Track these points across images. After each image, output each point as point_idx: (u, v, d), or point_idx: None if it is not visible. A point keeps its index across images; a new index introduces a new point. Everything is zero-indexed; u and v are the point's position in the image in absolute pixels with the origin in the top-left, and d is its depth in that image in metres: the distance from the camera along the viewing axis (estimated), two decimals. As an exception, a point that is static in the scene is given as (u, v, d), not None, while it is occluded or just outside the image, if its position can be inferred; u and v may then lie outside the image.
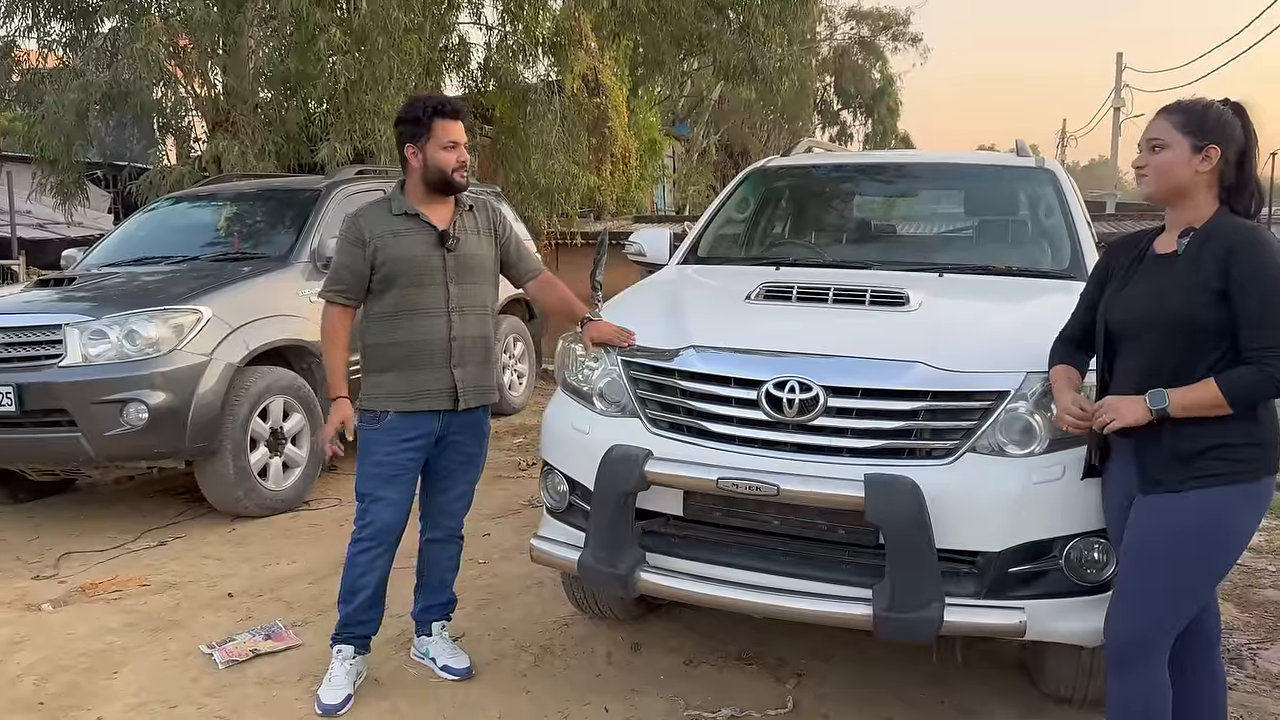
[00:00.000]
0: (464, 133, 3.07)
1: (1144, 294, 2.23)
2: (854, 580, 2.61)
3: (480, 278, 3.17)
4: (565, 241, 11.86)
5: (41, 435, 4.61)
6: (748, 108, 23.04)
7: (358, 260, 3.03)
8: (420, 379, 3.04)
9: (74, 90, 9.04)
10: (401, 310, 3.03)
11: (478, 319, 3.16)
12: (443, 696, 3.13)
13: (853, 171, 4.78)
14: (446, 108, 3.03)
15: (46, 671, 3.35)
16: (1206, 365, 2.11)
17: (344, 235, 3.08)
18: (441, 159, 3.02)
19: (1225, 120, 2.18)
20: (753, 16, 12.74)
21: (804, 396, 2.64)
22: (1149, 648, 2.19)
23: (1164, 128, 2.21)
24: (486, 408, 3.25)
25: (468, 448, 3.21)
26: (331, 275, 3.10)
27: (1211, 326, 2.11)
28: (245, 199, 6.35)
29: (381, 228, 3.04)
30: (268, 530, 4.89)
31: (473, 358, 3.13)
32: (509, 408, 7.66)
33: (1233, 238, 2.11)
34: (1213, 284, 2.09)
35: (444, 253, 3.04)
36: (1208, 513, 2.12)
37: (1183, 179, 2.18)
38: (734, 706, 3.05)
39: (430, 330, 3.04)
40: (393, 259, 3.00)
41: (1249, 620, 3.76)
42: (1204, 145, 2.16)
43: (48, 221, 13.41)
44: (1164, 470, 2.16)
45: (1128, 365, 2.26)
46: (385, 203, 3.11)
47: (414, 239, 3.03)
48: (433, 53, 10.37)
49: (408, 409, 3.03)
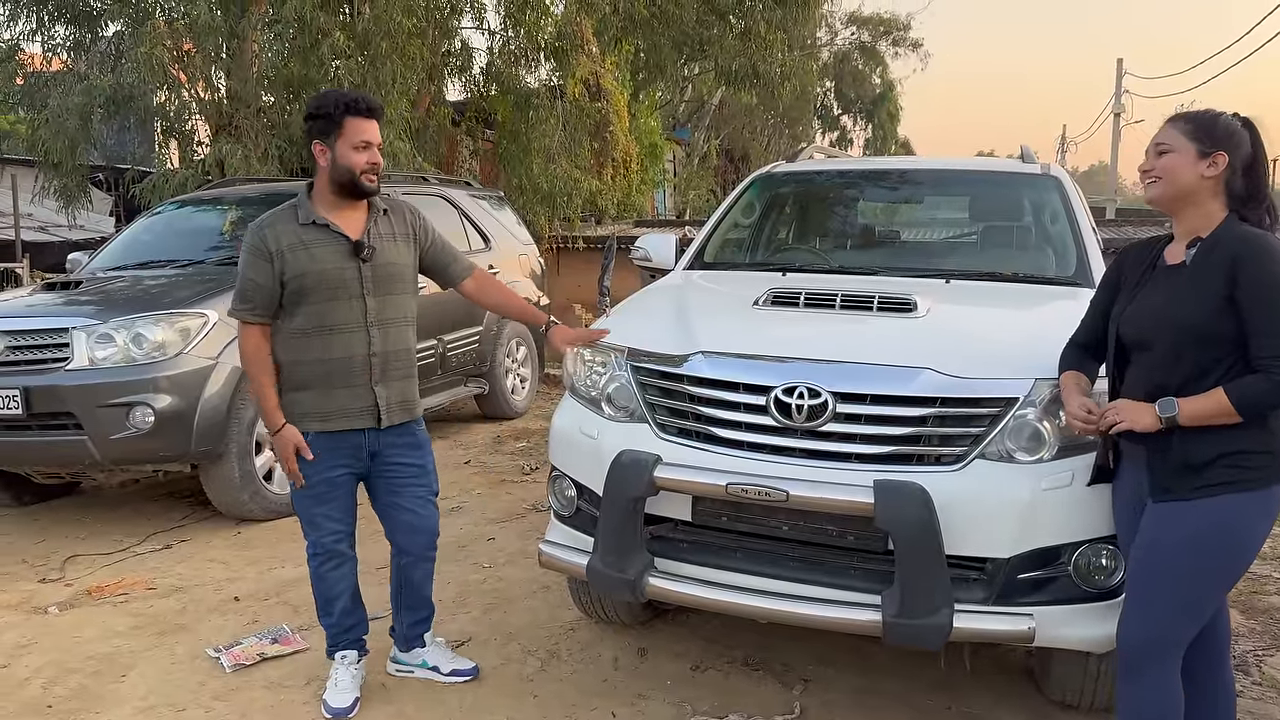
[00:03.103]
0: (378, 134, 2.89)
1: (1154, 304, 2.24)
2: (862, 586, 2.61)
3: (400, 288, 3.00)
4: (566, 245, 11.89)
5: (48, 438, 4.61)
6: (748, 112, 23.11)
7: (264, 275, 2.83)
8: (338, 398, 2.90)
9: (78, 94, 9.06)
10: (315, 327, 2.86)
11: (399, 332, 3.00)
12: (450, 701, 3.14)
13: (858, 177, 4.79)
14: (360, 104, 2.84)
15: (54, 674, 3.35)
16: (1216, 375, 2.12)
17: (248, 248, 2.86)
18: (351, 159, 2.83)
19: (1233, 130, 2.19)
20: (754, 22, 12.77)
21: (813, 402, 2.64)
22: (1160, 654, 2.20)
23: (1171, 134, 2.23)
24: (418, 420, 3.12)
25: (410, 459, 3.08)
26: (239, 292, 2.88)
27: (1221, 336, 2.12)
28: (250, 203, 6.36)
29: (289, 239, 2.84)
30: (273, 534, 4.89)
31: (395, 373, 2.99)
32: (512, 412, 7.67)
33: (1239, 246, 2.12)
34: (1221, 292, 2.10)
35: (359, 264, 2.87)
36: (1217, 521, 2.12)
37: (1188, 183, 2.19)
38: (741, 712, 3.06)
39: (348, 347, 2.88)
40: (303, 273, 2.81)
41: (1255, 627, 3.77)
42: (1211, 152, 2.17)
43: (50, 224, 13.42)
44: (1174, 479, 2.17)
45: (1138, 374, 2.27)
46: (292, 210, 2.90)
47: (325, 250, 2.83)
48: (435, 57, 10.40)
49: (325, 429, 2.91)
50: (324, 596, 3.10)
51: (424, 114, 10.44)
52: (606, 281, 8.57)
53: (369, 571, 3.33)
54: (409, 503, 3.10)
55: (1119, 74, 30.14)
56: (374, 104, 2.91)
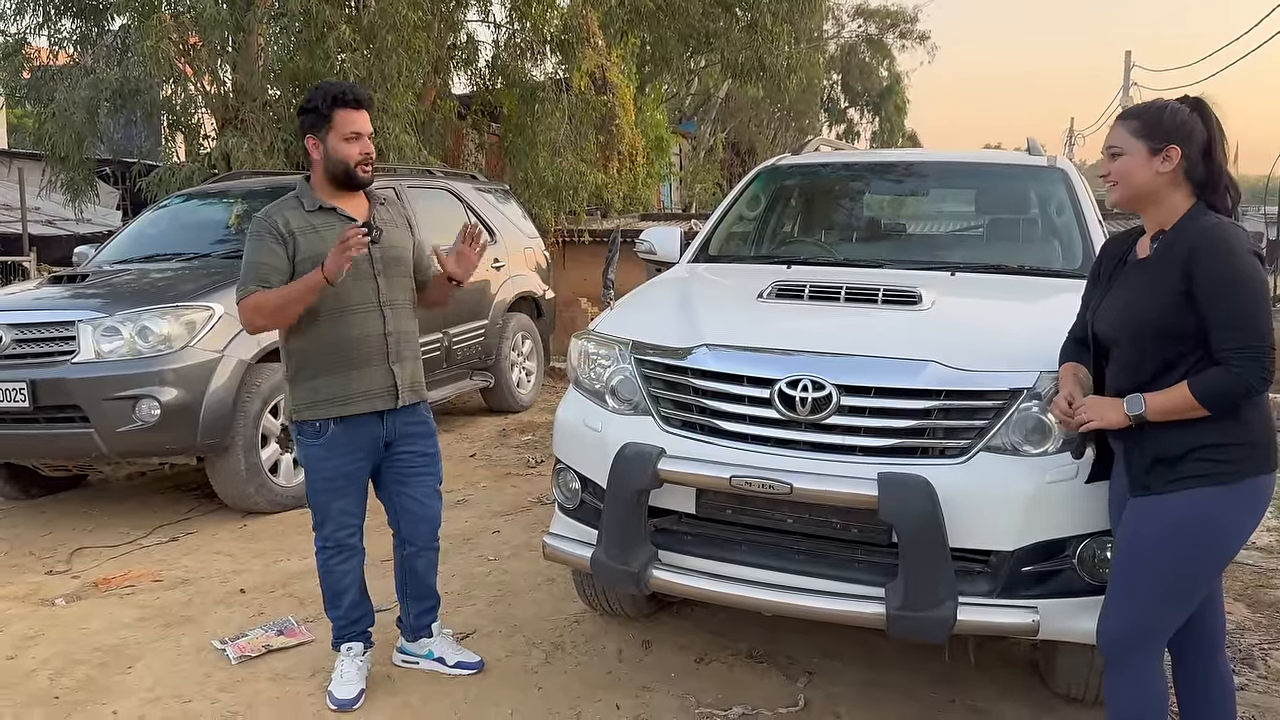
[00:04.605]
0: (369, 124, 2.91)
1: (1121, 301, 2.23)
2: (867, 579, 2.61)
3: (404, 270, 3.05)
4: (572, 239, 11.87)
5: (55, 431, 4.64)
6: (755, 105, 23.04)
7: (278, 257, 2.84)
8: (358, 379, 2.92)
9: (84, 87, 9.06)
10: (330, 310, 2.88)
11: (406, 313, 3.04)
12: (455, 693, 3.15)
13: (864, 170, 4.77)
14: (347, 96, 2.86)
15: (61, 666, 3.37)
16: (1183, 369, 2.11)
17: (258, 233, 2.86)
18: (343, 151, 2.86)
19: (1182, 119, 2.16)
20: (760, 14, 12.71)
21: (817, 395, 2.64)
22: (1140, 645, 2.19)
23: (1120, 135, 2.21)
24: (426, 403, 3.16)
25: (420, 447, 3.11)
26: (246, 275, 2.85)
27: (1182, 331, 2.10)
28: (256, 196, 6.35)
29: (299, 222, 2.88)
30: (279, 526, 4.91)
31: (408, 352, 3.04)
32: (517, 405, 7.68)
33: (1196, 239, 2.09)
34: (1178, 287, 2.09)
35: (368, 245, 2.88)
36: (1190, 514, 2.11)
37: (1143, 183, 2.18)
38: (745, 704, 3.06)
39: (365, 326, 2.92)
40: (315, 254, 2.82)
41: (1260, 620, 3.76)
42: (1162, 147, 2.15)
43: (57, 218, 13.45)
44: (1148, 474, 2.16)
45: (1113, 370, 2.27)
46: (294, 199, 2.94)
47: (334, 233, 2.84)
48: (441, 50, 10.38)
49: (346, 413, 2.93)
50: (332, 589, 3.12)
51: (429, 107, 10.42)
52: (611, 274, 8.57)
53: (373, 564, 3.34)
54: (415, 492, 3.14)
55: (1127, 67, 29.99)
56: (362, 95, 2.92)
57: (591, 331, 3.24)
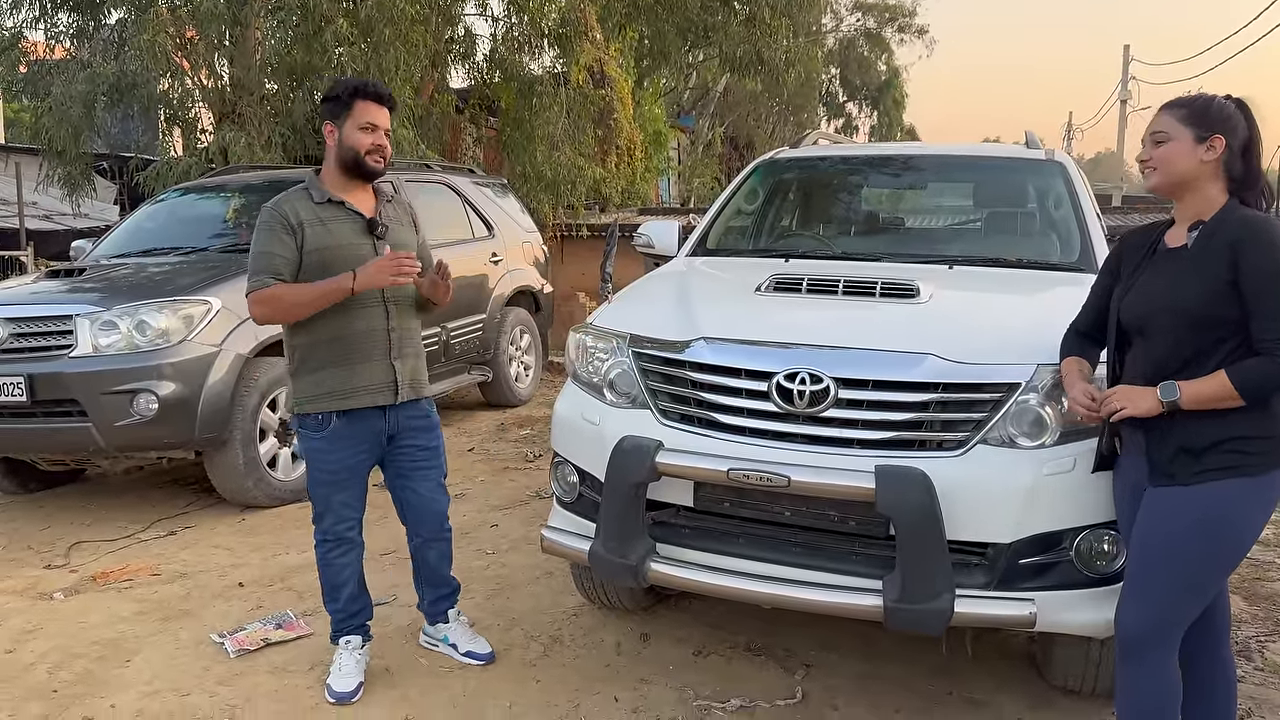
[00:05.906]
0: (387, 120, 2.95)
1: (1155, 288, 2.23)
2: (864, 571, 2.62)
3: None
4: (570, 234, 11.86)
5: (52, 425, 4.63)
6: (753, 99, 23.02)
7: (288, 247, 2.85)
8: (359, 374, 2.94)
9: (81, 81, 9.05)
10: (336, 303, 2.89)
11: (409, 310, 3.08)
12: (453, 685, 3.15)
13: (862, 164, 4.76)
14: (369, 89, 2.92)
15: (59, 659, 3.37)
16: (1218, 359, 2.11)
17: (267, 224, 2.87)
18: (356, 139, 2.90)
19: (1228, 113, 2.19)
20: (759, 8, 12.69)
21: (815, 388, 2.64)
22: (1158, 640, 2.20)
23: (1166, 120, 2.22)
24: (429, 398, 3.18)
25: (422, 441, 3.13)
26: (258, 264, 2.86)
27: (1222, 319, 2.11)
28: (253, 190, 6.35)
29: (307, 214, 2.90)
30: (277, 520, 4.91)
31: (409, 349, 3.06)
32: (516, 400, 7.68)
33: (1241, 229, 2.11)
34: (1223, 276, 2.10)
35: (374, 241, 2.94)
36: (1214, 506, 2.12)
37: (1187, 169, 2.19)
38: (743, 697, 3.07)
39: (368, 321, 2.95)
40: (322, 247, 2.86)
41: (1257, 613, 3.77)
42: (1208, 136, 2.16)
43: (54, 212, 13.43)
44: (1174, 464, 2.16)
45: (1138, 358, 2.27)
46: (304, 191, 2.96)
47: (341, 226, 2.90)
48: (439, 44, 10.36)
49: (348, 406, 2.94)
50: (331, 583, 3.13)
51: (427, 101, 10.41)
52: (609, 268, 8.56)
53: (372, 558, 3.35)
54: (419, 486, 3.17)
55: (1125, 61, 30.00)
56: (384, 91, 2.98)
57: (589, 325, 3.24)
